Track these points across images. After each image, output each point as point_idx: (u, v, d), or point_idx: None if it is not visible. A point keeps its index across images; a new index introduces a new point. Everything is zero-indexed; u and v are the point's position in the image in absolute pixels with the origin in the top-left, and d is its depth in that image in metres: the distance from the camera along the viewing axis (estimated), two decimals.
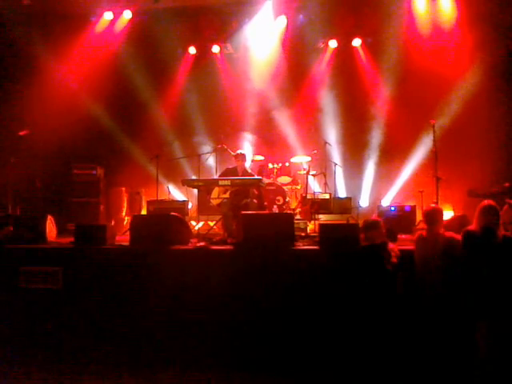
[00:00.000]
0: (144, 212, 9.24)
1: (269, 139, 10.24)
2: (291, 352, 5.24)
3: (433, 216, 4.90)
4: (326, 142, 9.05)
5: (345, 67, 10.19)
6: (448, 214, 5.36)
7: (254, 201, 7.29)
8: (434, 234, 4.81)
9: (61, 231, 7.26)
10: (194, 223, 8.51)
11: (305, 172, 9.09)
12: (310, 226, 8.04)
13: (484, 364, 4.41)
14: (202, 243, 6.17)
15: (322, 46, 10.35)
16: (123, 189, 9.62)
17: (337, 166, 9.29)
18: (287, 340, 5.30)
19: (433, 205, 5.24)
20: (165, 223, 6.11)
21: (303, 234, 7.15)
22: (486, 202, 4.67)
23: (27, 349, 5.55)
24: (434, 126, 7.80)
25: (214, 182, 7.40)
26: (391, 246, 5.10)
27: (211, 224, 8.07)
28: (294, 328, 5.31)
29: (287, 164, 9.53)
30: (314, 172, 9.02)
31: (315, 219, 7.98)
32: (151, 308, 5.53)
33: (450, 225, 5.47)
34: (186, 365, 5.26)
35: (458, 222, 5.69)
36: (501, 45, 8.93)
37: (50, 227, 6.69)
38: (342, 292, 5.15)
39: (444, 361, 4.65)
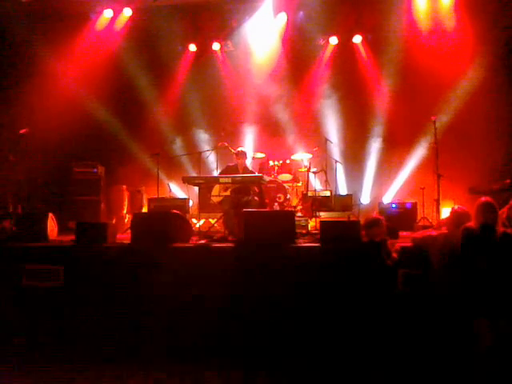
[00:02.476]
0: (145, 210, 9.24)
1: (269, 136, 10.23)
2: (292, 349, 5.24)
3: (462, 218, 4.86)
4: (326, 139, 9.02)
5: (345, 64, 10.17)
6: (448, 211, 5.38)
7: (255, 198, 7.29)
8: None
9: (62, 229, 7.26)
10: (194, 221, 8.52)
11: (306, 169, 9.09)
12: (311, 224, 8.04)
13: (484, 362, 4.41)
14: (202, 241, 6.19)
15: (323, 42, 10.33)
16: (124, 187, 9.61)
17: (338, 163, 9.28)
18: (288, 337, 5.29)
19: (458, 206, 5.19)
20: (166, 221, 6.11)
21: (304, 232, 7.15)
22: (484, 198, 4.65)
23: (28, 347, 5.55)
24: (434, 123, 7.80)
25: (215, 180, 7.40)
26: (392, 242, 5.10)
27: (212, 221, 8.08)
28: (295, 325, 5.31)
29: (288, 161, 9.53)
30: (314, 169, 9.01)
31: (316, 216, 7.99)
32: (152, 306, 5.54)
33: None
34: (186, 363, 5.26)
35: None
36: (502, 41, 8.91)
37: (51, 225, 6.70)
38: (343, 289, 5.16)
39: (444, 359, 4.66)
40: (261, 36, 10.29)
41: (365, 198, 9.98)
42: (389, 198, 9.65)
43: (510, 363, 4.37)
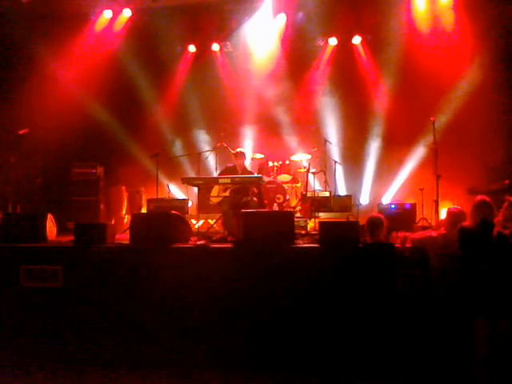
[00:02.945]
0: (144, 210, 9.23)
1: (269, 137, 10.23)
2: (291, 351, 5.24)
3: (458, 217, 4.87)
4: (326, 140, 9.03)
5: (345, 65, 10.17)
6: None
7: (254, 199, 7.29)
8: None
9: (61, 230, 7.25)
10: (194, 221, 8.51)
11: (305, 170, 9.09)
12: (310, 224, 8.04)
13: (484, 362, 4.40)
14: (202, 241, 6.18)
15: (322, 43, 10.32)
16: (123, 187, 9.61)
17: (337, 164, 9.28)
18: (287, 339, 5.30)
19: (453, 206, 5.22)
20: (165, 221, 6.10)
21: (303, 232, 7.14)
22: (480, 197, 4.65)
23: (27, 348, 5.55)
24: (433, 124, 7.80)
25: (214, 181, 7.41)
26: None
27: (211, 222, 8.07)
28: (294, 327, 5.31)
29: (287, 162, 9.52)
30: (314, 170, 9.01)
31: (315, 217, 7.98)
32: (151, 307, 5.53)
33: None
34: (185, 364, 5.26)
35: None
36: (501, 40, 8.91)
37: (50, 226, 6.69)
38: (342, 290, 5.15)
39: (444, 359, 4.66)
40: (260, 37, 10.28)
41: (364, 199, 9.98)
42: (388, 198, 9.64)
43: (510, 363, 4.37)
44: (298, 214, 8.50)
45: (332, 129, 10.15)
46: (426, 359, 4.76)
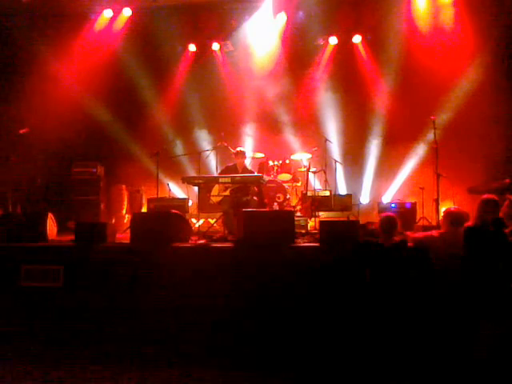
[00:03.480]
0: (144, 210, 9.25)
1: (269, 136, 10.23)
2: (291, 350, 5.24)
3: (456, 217, 4.86)
4: (326, 139, 9.04)
5: (345, 64, 10.16)
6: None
7: (255, 198, 7.29)
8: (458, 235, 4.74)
9: (61, 229, 7.26)
10: (194, 221, 8.52)
11: (305, 169, 9.09)
12: (311, 223, 8.05)
13: (484, 362, 4.40)
14: (202, 241, 6.19)
15: (322, 42, 10.32)
16: (123, 187, 9.63)
17: (337, 163, 9.28)
18: (287, 338, 5.29)
19: (455, 206, 5.23)
20: (165, 221, 6.11)
21: (303, 231, 7.15)
22: (487, 196, 4.64)
23: (27, 347, 5.55)
24: (434, 123, 7.80)
25: (215, 180, 7.41)
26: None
27: (211, 221, 8.08)
28: (294, 326, 5.31)
29: (287, 161, 9.51)
30: (314, 169, 9.01)
31: (315, 216, 7.99)
32: (151, 306, 5.54)
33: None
34: (185, 363, 5.26)
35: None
36: (501, 40, 8.90)
37: (51, 225, 6.70)
38: (342, 289, 5.15)
39: (445, 359, 4.66)
40: (260, 36, 10.28)
41: (364, 198, 9.98)
42: (388, 197, 9.65)
43: (509, 363, 4.36)
44: (298, 214, 8.50)
45: (332, 128, 10.14)
46: (426, 359, 4.76)
